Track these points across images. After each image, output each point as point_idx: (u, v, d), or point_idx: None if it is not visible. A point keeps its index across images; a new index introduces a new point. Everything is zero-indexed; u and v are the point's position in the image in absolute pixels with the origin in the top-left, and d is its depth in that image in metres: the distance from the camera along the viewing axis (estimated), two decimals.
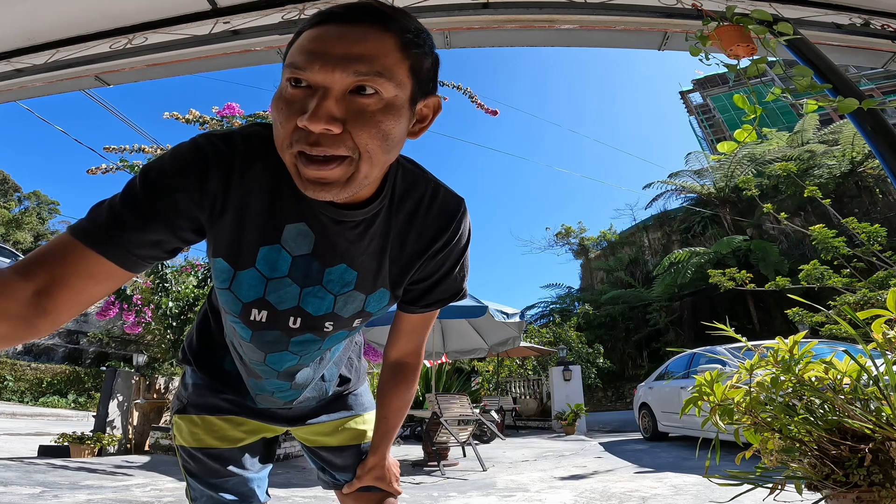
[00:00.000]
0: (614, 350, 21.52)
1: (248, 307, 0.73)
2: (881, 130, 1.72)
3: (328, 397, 1.00)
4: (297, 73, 0.55)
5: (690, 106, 31.42)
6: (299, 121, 0.55)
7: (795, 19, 2.26)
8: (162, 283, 6.15)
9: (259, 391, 0.88)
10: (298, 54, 0.56)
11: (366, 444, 1.02)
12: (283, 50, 0.63)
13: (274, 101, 0.59)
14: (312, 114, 0.53)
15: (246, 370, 0.86)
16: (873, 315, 1.05)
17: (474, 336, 7.87)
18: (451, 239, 0.76)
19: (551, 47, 2.78)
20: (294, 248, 0.70)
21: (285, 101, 0.57)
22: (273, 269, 0.70)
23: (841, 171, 16.18)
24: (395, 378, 0.93)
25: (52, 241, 0.59)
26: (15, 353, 16.47)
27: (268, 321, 0.75)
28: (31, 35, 2.62)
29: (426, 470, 5.23)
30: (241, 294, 0.72)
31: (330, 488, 1.07)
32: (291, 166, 0.59)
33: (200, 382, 0.94)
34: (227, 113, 6.66)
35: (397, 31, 0.58)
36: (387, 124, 0.57)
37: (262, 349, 0.79)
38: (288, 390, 0.88)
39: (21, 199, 33.96)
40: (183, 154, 0.63)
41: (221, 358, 0.92)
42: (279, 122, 0.57)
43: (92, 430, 6.53)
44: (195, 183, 0.62)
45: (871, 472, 0.95)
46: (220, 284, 0.71)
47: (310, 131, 0.55)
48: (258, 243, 0.68)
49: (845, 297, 5.21)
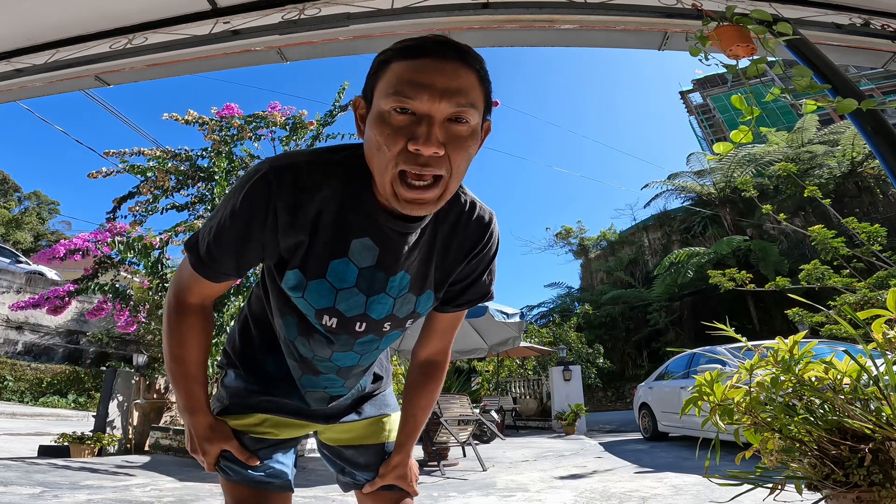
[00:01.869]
0: (614, 350, 21.52)
1: (320, 313, 0.81)
2: (881, 130, 1.72)
3: (362, 395, 1.05)
4: (404, 102, 0.64)
5: (690, 106, 31.41)
6: (411, 144, 0.63)
7: (795, 19, 2.26)
8: (162, 284, 6.14)
9: (311, 387, 0.94)
10: (403, 84, 0.64)
11: (389, 444, 1.06)
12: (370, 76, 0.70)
13: (375, 125, 0.66)
14: (426, 139, 0.63)
15: (304, 367, 0.92)
16: (873, 315, 1.05)
17: (474, 336, 7.87)
18: (484, 246, 0.86)
19: (551, 47, 2.78)
20: (360, 260, 0.78)
21: (391, 126, 0.64)
22: (342, 280, 0.79)
23: (841, 172, 16.18)
24: (425, 376, 1.00)
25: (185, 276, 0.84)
26: (15, 353, 16.46)
27: (337, 326, 0.83)
28: (31, 35, 2.63)
29: (426, 470, 5.23)
30: (313, 302, 0.80)
31: (349, 489, 1.09)
32: (389, 186, 0.67)
33: (242, 385, 0.97)
34: (227, 113, 6.67)
35: (476, 67, 0.67)
36: (472, 148, 0.68)
37: (331, 348, 0.87)
38: (340, 386, 0.95)
39: (21, 199, 33.95)
40: (253, 191, 0.72)
41: (263, 361, 0.97)
42: (384, 144, 0.65)
43: (92, 430, 6.53)
44: (266, 214, 0.72)
45: (871, 472, 0.95)
46: (294, 294, 0.80)
47: (419, 154, 0.63)
48: (328, 257, 0.77)
49: (845, 297, 5.21)
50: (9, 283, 16.85)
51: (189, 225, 6.18)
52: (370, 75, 0.70)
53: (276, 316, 0.89)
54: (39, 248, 12.02)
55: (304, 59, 2.79)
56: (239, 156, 6.88)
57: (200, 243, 0.78)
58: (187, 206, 6.76)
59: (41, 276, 17.80)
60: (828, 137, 17.88)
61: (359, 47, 2.70)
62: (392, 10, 2.43)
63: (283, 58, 2.73)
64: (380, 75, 0.67)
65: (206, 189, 6.75)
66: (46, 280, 17.76)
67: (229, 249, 0.76)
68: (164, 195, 6.53)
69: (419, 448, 6.34)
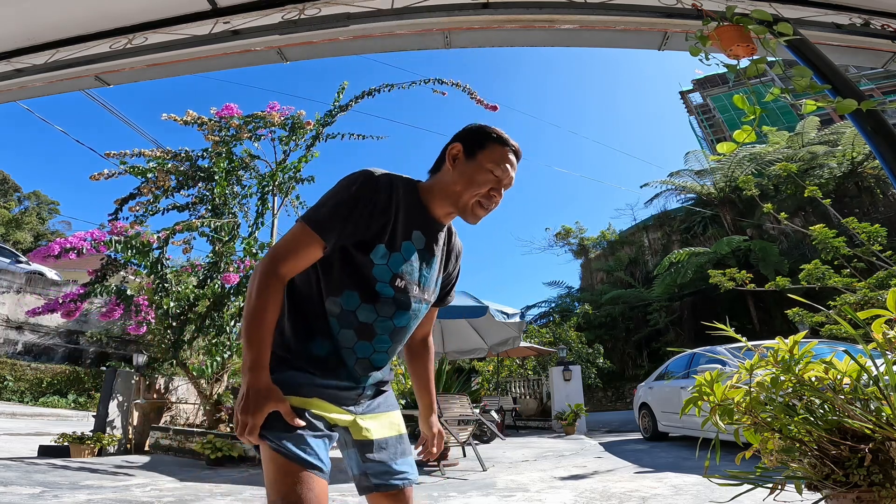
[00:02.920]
0: (614, 350, 21.52)
1: (395, 276, 1.13)
2: (881, 130, 1.72)
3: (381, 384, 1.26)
4: (499, 174, 1.16)
5: (690, 106, 31.42)
6: (492, 191, 1.16)
7: (795, 19, 2.26)
8: (162, 284, 6.14)
9: (362, 354, 1.14)
10: (503, 162, 1.16)
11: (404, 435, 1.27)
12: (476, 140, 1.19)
13: (478, 172, 1.15)
14: (499, 194, 1.18)
15: (360, 333, 1.13)
16: (873, 315, 1.05)
17: (474, 336, 7.87)
18: (460, 256, 1.37)
19: (551, 47, 2.78)
20: (417, 244, 1.18)
21: (487, 179, 1.15)
22: (409, 254, 1.16)
23: (841, 172, 16.18)
24: (426, 350, 1.43)
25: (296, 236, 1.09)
26: (15, 353, 16.46)
27: (404, 287, 1.15)
28: (31, 35, 2.63)
29: (426, 470, 5.23)
30: (393, 267, 1.13)
31: (364, 493, 1.20)
32: (469, 204, 1.16)
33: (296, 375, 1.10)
34: (226, 113, 6.67)
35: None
36: None
37: (396, 306, 1.16)
38: (385, 350, 1.18)
39: (21, 199, 33.96)
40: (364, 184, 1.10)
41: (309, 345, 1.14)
42: (480, 184, 1.15)
43: (92, 430, 6.53)
44: (370, 199, 1.09)
45: (871, 472, 0.95)
46: (380, 261, 1.11)
47: (493, 198, 1.17)
48: (402, 238, 1.14)
49: (845, 297, 5.21)
50: (9, 283, 16.84)
51: (188, 224, 6.18)
52: (476, 138, 1.17)
53: (335, 293, 1.13)
54: (39, 248, 12.04)
55: (304, 59, 2.79)
56: (238, 156, 6.88)
57: (319, 211, 1.08)
58: (188, 207, 6.76)
59: (41, 276, 17.79)
60: (828, 137, 17.88)
61: (359, 47, 2.70)
62: (392, 10, 2.43)
63: (283, 58, 2.73)
64: (487, 145, 1.16)
65: (206, 189, 6.75)
66: (46, 280, 17.76)
67: (341, 216, 1.07)
68: (165, 195, 6.53)
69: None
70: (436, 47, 2.69)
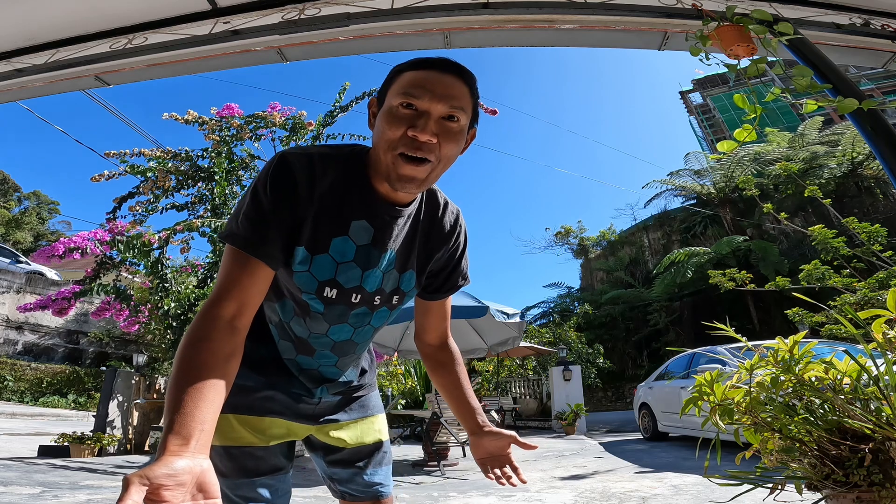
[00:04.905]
0: (614, 350, 21.50)
1: (322, 285, 0.90)
2: (881, 131, 1.72)
3: (350, 390, 1.10)
4: (409, 100, 0.80)
5: (690, 106, 31.40)
6: (410, 131, 0.79)
7: (795, 19, 2.26)
8: (162, 284, 6.15)
9: (307, 366, 1.00)
10: (410, 87, 0.81)
11: (383, 442, 1.13)
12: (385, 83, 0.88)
13: (385, 116, 0.82)
14: (423, 128, 0.79)
15: (299, 347, 0.98)
16: (873, 315, 1.05)
17: (474, 336, 7.86)
18: (458, 235, 1.03)
19: (551, 47, 2.78)
20: (358, 239, 0.90)
21: (397, 117, 0.80)
22: (342, 255, 0.90)
23: (841, 172, 16.17)
24: (446, 355, 1.14)
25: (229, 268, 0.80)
26: (15, 353, 16.46)
27: (336, 297, 0.92)
28: (31, 35, 2.62)
29: (426, 470, 5.23)
30: (317, 274, 0.89)
31: (335, 497, 1.12)
32: (390, 164, 0.81)
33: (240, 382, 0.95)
34: (226, 113, 6.67)
35: (469, 83, 0.85)
36: (459, 142, 0.84)
37: (328, 321, 0.96)
38: (333, 365, 1.02)
39: (21, 199, 33.95)
40: (277, 172, 0.83)
41: (255, 348, 0.98)
42: (389, 130, 0.80)
43: (92, 430, 6.54)
44: (290, 188, 0.83)
45: (871, 472, 0.95)
46: (299, 268, 0.88)
47: (416, 139, 0.79)
48: (331, 235, 0.88)
49: (845, 298, 5.20)
50: (9, 282, 16.85)
51: (188, 224, 6.18)
52: (385, 82, 0.86)
53: (273, 297, 0.97)
54: (39, 247, 12.00)
55: (304, 59, 2.79)
56: (239, 156, 6.88)
57: (238, 226, 0.82)
58: (187, 206, 6.76)
59: (41, 276, 17.79)
60: (828, 138, 17.88)
61: (359, 47, 2.70)
62: (392, 10, 2.43)
63: (283, 58, 2.73)
64: (394, 81, 0.84)
65: (206, 189, 6.75)
66: (46, 280, 17.76)
67: (265, 220, 0.81)
68: (165, 195, 6.54)
69: (419, 448, 6.35)
70: (436, 47, 2.69)
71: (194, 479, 0.56)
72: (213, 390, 0.67)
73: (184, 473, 0.55)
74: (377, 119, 0.85)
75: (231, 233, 0.82)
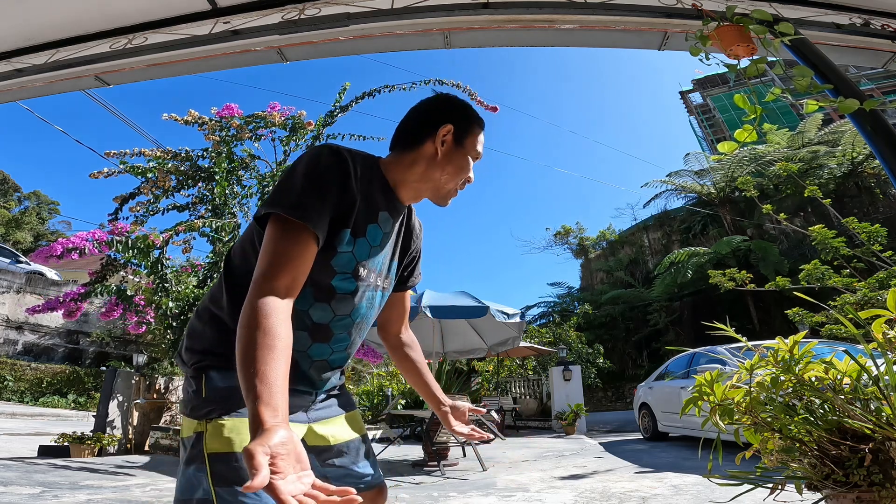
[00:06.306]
0: (614, 350, 21.50)
1: (359, 265, 1.02)
2: (881, 131, 1.72)
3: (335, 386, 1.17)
4: (476, 160, 1.11)
5: (690, 106, 31.39)
6: (466, 182, 1.11)
7: (795, 19, 2.26)
8: (162, 284, 6.14)
9: (318, 356, 1.04)
10: (479, 148, 1.10)
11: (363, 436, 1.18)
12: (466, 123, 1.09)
13: (464, 159, 1.07)
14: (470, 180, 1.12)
15: (315, 335, 1.02)
16: (873, 315, 1.05)
17: (474, 336, 7.86)
18: (421, 235, 1.25)
19: (551, 48, 2.78)
20: (383, 227, 1.06)
21: (469, 168, 1.09)
22: (374, 239, 1.04)
23: (841, 172, 16.17)
24: (407, 344, 1.31)
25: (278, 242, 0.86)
26: (15, 353, 16.46)
27: (365, 276, 1.04)
28: (31, 35, 2.62)
29: (426, 470, 5.23)
30: (358, 255, 1.01)
31: None
32: (447, 194, 1.09)
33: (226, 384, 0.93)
34: (226, 113, 6.67)
35: None
36: None
37: (356, 300, 1.05)
38: (344, 350, 1.08)
39: (21, 199, 33.95)
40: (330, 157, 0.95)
41: None
42: (462, 171, 1.08)
43: (92, 430, 6.53)
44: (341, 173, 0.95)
45: (871, 472, 0.95)
46: (344, 248, 0.98)
47: (466, 182, 1.11)
48: (367, 222, 1.01)
49: (845, 298, 5.20)
50: (9, 282, 16.84)
51: (190, 224, 6.18)
52: (466, 121, 1.07)
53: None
54: (39, 247, 12.02)
55: (304, 59, 2.79)
56: (239, 156, 6.88)
57: (290, 195, 0.87)
58: (188, 207, 6.75)
59: (41, 276, 17.79)
60: (828, 137, 17.87)
61: (359, 47, 2.70)
62: (392, 10, 2.43)
63: (283, 58, 2.73)
64: (473, 131, 1.09)
65: (206, 189, 6.75)
66: (46, 280, 17.76)
67: (317, 194, 0.89)
68: (165, 195, 6.54)
69: (419, 448, 6.34)
70: (436, 47, 2.69)
71: (294, 448, 0.61)
72: (285, 361, 0.73)
73: (290, 443, 0.61)
74: (452, 151, 1.06)
75: (280, 203, 0.86)
